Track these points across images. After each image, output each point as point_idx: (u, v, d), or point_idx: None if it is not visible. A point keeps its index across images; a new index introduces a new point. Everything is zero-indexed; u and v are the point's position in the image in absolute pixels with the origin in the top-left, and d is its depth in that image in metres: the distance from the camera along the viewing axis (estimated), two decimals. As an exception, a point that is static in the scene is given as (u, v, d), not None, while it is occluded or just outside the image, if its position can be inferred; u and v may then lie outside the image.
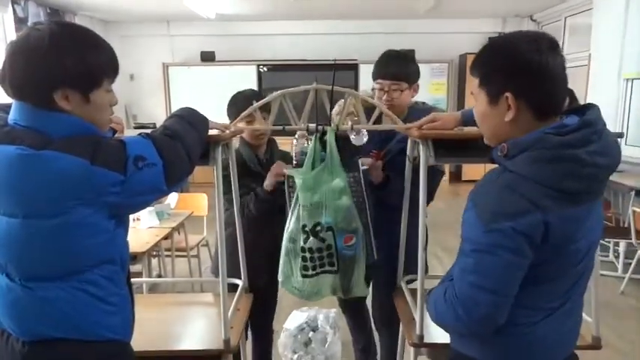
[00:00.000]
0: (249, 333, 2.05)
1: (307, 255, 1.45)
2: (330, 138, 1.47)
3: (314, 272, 1.47)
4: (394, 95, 1.74)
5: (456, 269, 1.00)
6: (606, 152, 0.93)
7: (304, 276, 1.47)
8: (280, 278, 1.54)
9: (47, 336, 1.00)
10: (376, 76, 1.79)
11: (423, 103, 1.93)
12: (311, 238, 1.43)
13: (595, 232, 1.00)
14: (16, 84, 0.97)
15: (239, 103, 1.83)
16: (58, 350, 1.01)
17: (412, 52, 5.31)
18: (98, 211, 0.98)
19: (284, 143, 2.00)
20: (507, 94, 0.94)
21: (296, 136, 1.67)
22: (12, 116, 1.00)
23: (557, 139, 0.90)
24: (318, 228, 1.43)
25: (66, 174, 0.94)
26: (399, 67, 1.75)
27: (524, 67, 0.93)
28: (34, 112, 0.97)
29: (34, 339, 1.01)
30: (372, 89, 1.83)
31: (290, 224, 1.48)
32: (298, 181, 1.44)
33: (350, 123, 1.55)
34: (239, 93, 1.91)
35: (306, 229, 1.43)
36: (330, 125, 1.51)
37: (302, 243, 1.44)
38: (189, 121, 1.18)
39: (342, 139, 1.51)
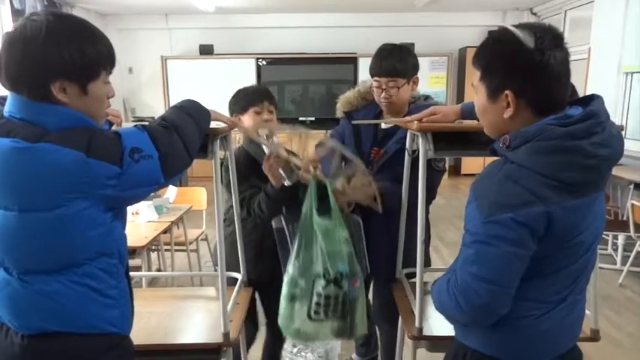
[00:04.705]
0: (265, 331, 2.02)
1: (322, 301, 1.41)
2: (329, 190, 1.43)
3: (325, 317, 1.43)
4: (392, 92, 1.70)
5: (458, 260, 1.00)
6: (609, 144, 0.92)
7: (313, 320, 1.44)
8: (281, 324, 1.48)
9: (46, 329, 1.00)
10: (372, 72, 1.74)
11: (426, 97, 1.90)
12: (332, 287, 1.40)
13: (598, 224, 1.00)
14: (12, 75, 0.95)
15: (247, 96, 1.77)
16: (57, 343, 1.01)
17: (410, 45, 5.27)
18: (94, 204, 0.97)
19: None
20: (507, 91, 0.93)
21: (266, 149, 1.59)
22: (7, 108, 0.99)
23: (561, 130, 0.89)
24: (338, 276, 1.40)
25: (61, 167, 0.93)
26: (394, 62, 1.69)
27: (525, 67, 0.91)
28: (30, 105, 0.96)
29: (33, 332, 1.00)
30: (370, 87, 1.80)
31: (292, 269, 1.43)
32: (324, 225, 1.41)
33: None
34: (245, 88, 1.84)
35: (328, 277, 1.40)
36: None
37: (319, 289, 1.41)
38: (189, 112, 1.16)
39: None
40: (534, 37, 0.91)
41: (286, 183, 1.60)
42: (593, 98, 0.96)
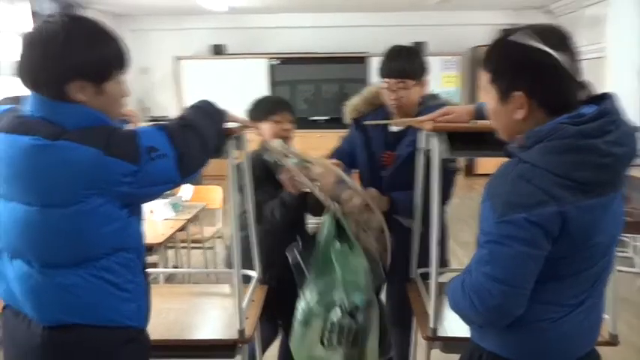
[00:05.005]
0: (281, 330, 2.02)
1: (336, 330, 1.41)
2: (345, 225, 1.47)
3: (338, 344, 1.43)
4: (401, 93, 1.70)
5: (473, 260, 1.00)
6: (623, 142, 0.91)
7: (325, 347, 1.43)
8: (293, 347, 1.50)
9: (65, 321, 1.03)
10: (381, 74, 1.74)
11: (435, 95, 1.89)
12: (347, 318, 1.40)
13: (616, 225, 0.99)
14: (32, 76, 0.99)
15: (268, 104, 1.82)
16: (75, 335, 1.04)
17: (419, 45, 5.24)
18: (110, 200, 1.00)
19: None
20: (517, 93, 0.93)
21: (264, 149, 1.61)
22: (27, 107, 1.02)
23: (575, 129, 0.89)
24: (354, 309, 1.41)
25: (79, 164, 0.96)
26: (403, 63, 1.69)
27: (533, 68, 0.91)
28: (49, 103, 0.99)
29: (53, 324, 1.03)
30: (376, 91, 1.80)
31: (308, 295, 1.44)
32: (342, 253, 1.44)
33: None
34: (265, 97, 1.90)
35: (344, 308, 1.40)
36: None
37: (334, 319, 1.41)
38: (206, 112, 1.19)
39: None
40: (540, 38, 0.91)
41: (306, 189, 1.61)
42: (606, 96, 0.95)
